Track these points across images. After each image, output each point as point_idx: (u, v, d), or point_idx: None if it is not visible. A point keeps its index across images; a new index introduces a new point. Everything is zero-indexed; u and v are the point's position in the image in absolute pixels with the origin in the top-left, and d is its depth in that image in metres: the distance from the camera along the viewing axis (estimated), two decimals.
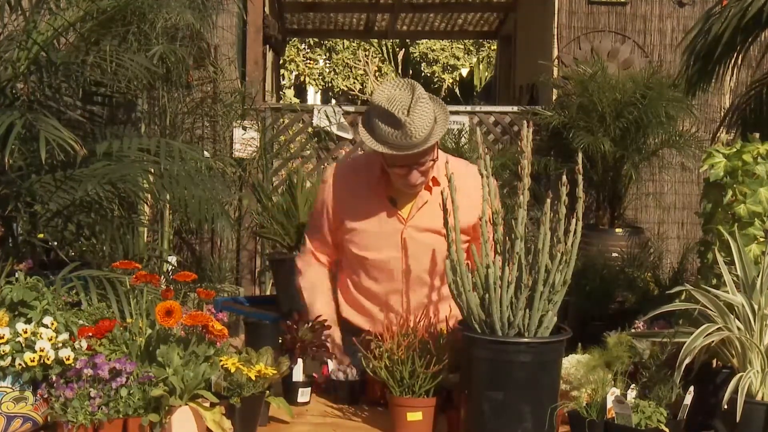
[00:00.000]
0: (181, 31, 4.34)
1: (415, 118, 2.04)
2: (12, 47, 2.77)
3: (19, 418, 1.68)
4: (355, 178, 2.25)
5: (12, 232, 2.77)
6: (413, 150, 2.06)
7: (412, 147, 2.06)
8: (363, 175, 2.24)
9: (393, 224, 2.21)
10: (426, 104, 2.07)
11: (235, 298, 4.42)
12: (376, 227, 2.20)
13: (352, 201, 2.23)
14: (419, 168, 2.12)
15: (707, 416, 1.76)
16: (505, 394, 1.67)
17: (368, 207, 2.21)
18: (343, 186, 2.25)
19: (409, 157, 2.09)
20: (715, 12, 3.10)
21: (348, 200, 2.23)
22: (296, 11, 9.50)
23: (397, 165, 2.12)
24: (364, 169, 2.24)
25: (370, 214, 2.21)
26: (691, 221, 5.88)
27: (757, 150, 1.90)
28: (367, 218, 2.21)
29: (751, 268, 1.79)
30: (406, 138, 2.05)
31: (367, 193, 2.22)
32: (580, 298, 2.83)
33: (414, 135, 2.05)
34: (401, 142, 2.05)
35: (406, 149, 2.06)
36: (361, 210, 2.22)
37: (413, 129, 2.04)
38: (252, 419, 1.79)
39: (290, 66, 15.97)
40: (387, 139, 2.07)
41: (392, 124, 2.05)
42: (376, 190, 2.22)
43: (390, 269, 2.22)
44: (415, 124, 2.04)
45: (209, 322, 1.76)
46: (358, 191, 2.23)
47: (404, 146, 2.06)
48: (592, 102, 5.09)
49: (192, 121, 5.04)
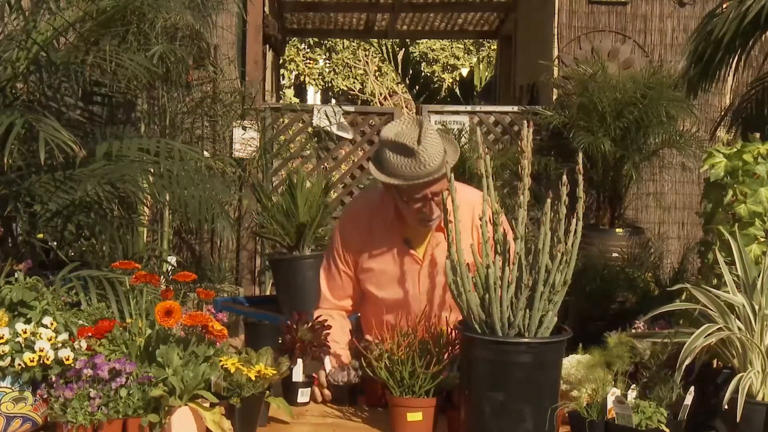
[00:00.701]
0: (181, 30, 4.34)
1: (427, 146, 2.05)
2: (11, 47, 2.77)
3: (18, 419, 1.68)
4: (369, 220, 2.25)
5: (11, 232, 2.77)
6: (428, 178, 2.06)
7: (426, 175, 2.06)
8: (377, 217, 2.24)
9: (409, 265, 2.23)
10: (434, 135, 2.09)
11: (234, 298, 4.42)
12: (392, 268, 2.22)
13: (368, 242, 2.24)
14: (435, 198, 2.11)
15: (708, 416, 1.76)
16: (506, 394, 1.67)
17: (384, 248, 2.23)
18: (358, 227, 2.26)
19: (424, 187, 2.08)
20: (717, 13, 3.10)
21: (363, 241, 2.24)
22: (296, 11, 9.49)
23: (413, 198, 2.11)
24: (378, 211, 2.25)
25: (386, 255, 2.23)
26: (692, 221, 5.88)
27: (757, 150, 1.89)
28: (384, 259, 2.22)
29: (752, 268, 1.79)
30: (419, 166, 2.05)
31: (382, 234, 2.23)
32: (580, 299, 2.83)
33: (427, 162, 2.05)
34: (415, 171, 2.05)
35: (421, 177, 2.05)
36: (377, 251, 2.24)
37: (426, 156, 2.05)
38: (252, 419, 1.78)
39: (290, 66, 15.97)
40: (400, 171, 2.06)
41: (405, 153, 2.05)
42: (390, 232, 2.23)
43: (409, 307, 2.23)
44: (428, 152, 2.05)
45: (209, 323, 1.76)
46: (374, 232, 2.24)
47: (418, 175, 2.05)
48: (592, 102, 5.09)
49: (192, 120, 5.04)
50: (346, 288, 2.30)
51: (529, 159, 1.76)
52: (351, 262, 2.27)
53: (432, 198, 2.11)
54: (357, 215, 2.30)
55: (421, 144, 2.04)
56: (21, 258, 2.39)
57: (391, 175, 2.08)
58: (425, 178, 2.06)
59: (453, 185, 1.84)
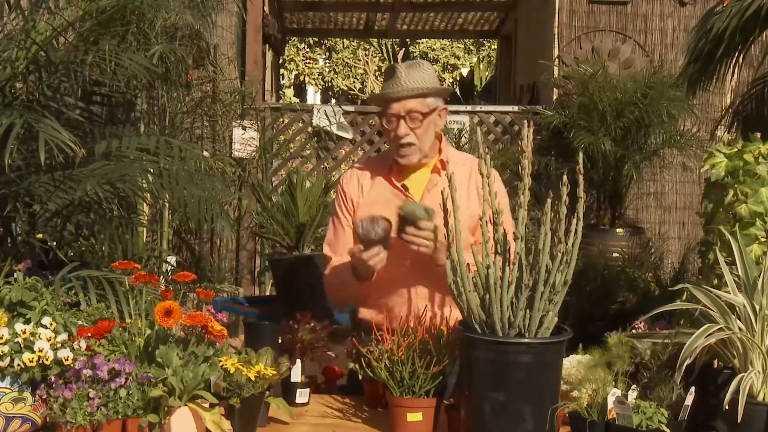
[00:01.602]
0: (181, 30, 4.34)
1: (411, 72, 2.23)
2: (11, 47, 2.76)
3: (17, 419, 1.67)
4: (370, 172, 2.37)
5: (11, 232, 2.76)
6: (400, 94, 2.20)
7: (400, 91, 2.21)
8: (377, 168, 2.36)
9: None
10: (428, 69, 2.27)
11: (234, 298, 4.42)
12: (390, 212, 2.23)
13: (368, 191, 2.33)
14: (409, 123, 2.23)
15: (708, 417, 1.76)
16: (506, 394, 1.66)
17: (382, 195, 2.31)
18: (359, 179, 2.36)
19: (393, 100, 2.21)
20: (716, 11, 3.09)
21: (364, 191, 2.34)
22: (296, 10, 9.49)
23: (390, 120, 2.24)
24: (378, 163, 2.38)
25: (384, 200, 2.29)
26: (692, 221, 5.87)
27: (758, 150, 1.89)
28: (382, 204, 2.27)
29: (753, 269, 1.78)
30: (396, 83, 2.22)
31: (381, 183, 2.34)
32: (580, 299, 2.83)
33: (403, 79, 2.21)
34: (391, 88, 2.23)
35: (395, 93, 2.21)
36: (376, 198, 2.31)
37: (404, 74, 2.22)
38: (251, 420, 1.78)
39: (290, 65, 15.97)
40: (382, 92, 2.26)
41: (390, 76, 2.24)
42: (389, 180, 2.33)
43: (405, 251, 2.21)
44: (410, 75, 2.22)
45: (208, 323, 1.75)
46: (374, 182, 2.34)
47: (393, 91, 2.22)
48: (592, 101, 5.09)
49: (191, 120, 5.04)
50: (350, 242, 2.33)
51: (530, 159, 1.76)
52: (353, 213, 2.34)
53: (403, 117, 2.22)
54: (358, 169, 2.41)
55: (406, 68, 2.23)
56: (20, 258, 2.38)
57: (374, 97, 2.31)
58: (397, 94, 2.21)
59: (453, 185, 1.83)
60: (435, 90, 2.24)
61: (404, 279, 2.27)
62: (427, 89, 2.22)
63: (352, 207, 2.35)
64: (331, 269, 2.35)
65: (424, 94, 2.22)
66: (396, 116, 2.23)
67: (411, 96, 2.21)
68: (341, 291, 2.36)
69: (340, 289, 2.35)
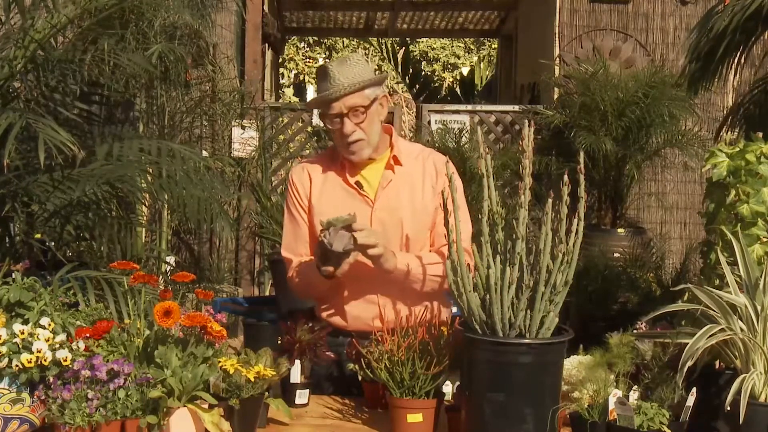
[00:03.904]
0: (180, 29, 4.33)
1: (343, 69, 2.18)
2: (9, 45, 2.76)
3: (15, 420, 1.66)
4: (320, 167, 2.29)
5: (9, 232, 2.76)
6: (337, 93, 2.16)
7: (336, 91, 2.16)
8: (328, 164, 2.29)
9: (361, 207, 2.21)
10: (360, 61, 2.22)
11: (233, 298, 4.40)
12: (344, 211, 2.15)
13: (319, 188, 2.27)
14: (353, 119, 2.18)
15: (710, 418, 1.75)
16: (506, 395, 1.66)
17: (336, 194, 2.25)
18: (309, 178, 2.29)
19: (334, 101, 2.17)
20: (717, 11, 3.08)
21: (315, 187, 2.27)
22: (295, 9, 9.48)
23: (332, 121, 2.20)
24: (327, 161, 2.31)
25: (338, 200, 2.23)
26: (694, 221, 5.86)
27: (760, 149, 1.88)
28: (335, 203, 2.22)
29: (755, 269, 1.77)
30: (332, 84, 2.18)
31: (333, 180, 2.27)
32: (581, 299, 2.82)
33: (336, 78, 2.17)
34: (327, 89, 2.18)
35: (332, 94, 2.16)
36: (329, 198, 2.25)
37: (336, 73, 2.17)
38: (251, 421, 1.77)
39: (289, 65, 15.97)
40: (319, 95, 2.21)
41: (323, 78, 2.20)
42: (341, 177, 2.26)
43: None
44: (342, 72, 2.17)
45: (208, 323, 1.75)
46: (326, 179, 2.28)
47: (329, 92, 2.17)
48: (593, 101, 5.07)
49: (191, 120, 5.02)
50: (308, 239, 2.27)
51: (531, 158, 1.75)
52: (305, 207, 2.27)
53: (346, 114, 2.18)
54: (308, 163, 2.34)
55: (339, 66, 2.18)
56: (18, 258, 2.38)
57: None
58: (332, 94, 2.16)
59: (453, 185, 1.82)
60: (371, 81, 2.19)
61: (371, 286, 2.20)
62: (363, 82, 2.17)
63: (307, 204, 2.27)
64: (296, 271, 2.26)
65: (361, 88, 2.18)
66: (338, 115, 2.19)
67: (349, 93, 2.17)
68: (312, 289, 2.27)
69: (309, 287, 2.26)
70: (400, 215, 2.21)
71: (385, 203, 2.22)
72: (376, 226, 2.19)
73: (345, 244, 2.01)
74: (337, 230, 2.01)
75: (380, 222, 2.20)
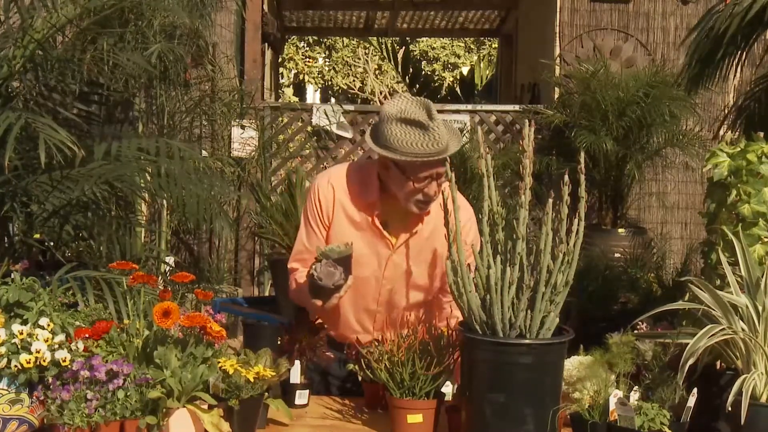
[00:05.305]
0: (180, 29, 4.32)
1: (438, 123, 2.01)
2: (8, 45, 2.75)
3: (14, 421, 1.66)
4: (345, 193, 2.17)
5: (8, 232, 2.75)
6: (441, 156, 2.00)
7: (439, 152, 2.00)
8: (361, 191, 2.16)
9: (381, 248, 2.16)
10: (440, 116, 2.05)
11: (233, 298, 4.40)
12: (362, 245, 2.14)
13: (344, 212, 2.16)
14: (439, 180, 2.06)
15: (711, 418, 1.75)
16: (507, 396, 1.65)
17: (361, 225, 2.16)
18: (335, 199, 2.16)
19: (435, 165, 2.03)
20: (718, 10, 3.07)
21: (338, 215, 2.16)
22: (295, 9, 9.48)
23: (419, 177, 2.05)
24: (357, 185, 2.17)
25: (359, 230, 2.15)
26: (695, 221, 5.85)
27: (761, 149, 1.88)
28: (356, 234, 2.15)
29: (756, 269, 1.77)
30: (434, 143, 1.99)
31: (362, 210, 2.15)
32: (582, 299, 2.81)
33: (441, 140, 2.00)
34: (429, 148, 1.99)
35: (435, 154, 2.00)
36: (353, 225, 2.16)
37: (439, 133, 1.99)
38: (250, 421, 1.77)
39: (289, 64, 15.95)
40: (412, 147, 2.00)
41: (417, 129, 2.00)
42: (370, 211, 2.15)
43: (368, 286, 2.18)
44: (440, 129, 2.00)
45: (207, 324, 1.74)
46: (350, 208, 2.16)
47: (432, 152, 2.00)
48: (594, 100, 5.06)
49: (190, 119, 5.02)
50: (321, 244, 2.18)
51: (531, 158, 1.74)
52: (325, 226, 2.17)
53: (437, 178, 2.06)
54: (335, 179, 2.18)
55: (434, 121, 2.00)
56: (17, 258, 2.38)
57: (401, 151, 2.00)
58: (438, 156, 2.00)
59: (453, 185, 1.82)
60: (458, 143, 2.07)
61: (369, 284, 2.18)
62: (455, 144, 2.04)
63: (327, 222, 2.17)
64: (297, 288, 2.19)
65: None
66: (429, 177, 2.04)
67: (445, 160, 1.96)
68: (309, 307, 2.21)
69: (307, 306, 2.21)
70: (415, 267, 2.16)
71: (406, 250, 2.17)
72: (390, 268, 2.16)
73: (335, 281, 1.95)
74: (328, 264, 1.95)
75: (396, 264, 2.17)
